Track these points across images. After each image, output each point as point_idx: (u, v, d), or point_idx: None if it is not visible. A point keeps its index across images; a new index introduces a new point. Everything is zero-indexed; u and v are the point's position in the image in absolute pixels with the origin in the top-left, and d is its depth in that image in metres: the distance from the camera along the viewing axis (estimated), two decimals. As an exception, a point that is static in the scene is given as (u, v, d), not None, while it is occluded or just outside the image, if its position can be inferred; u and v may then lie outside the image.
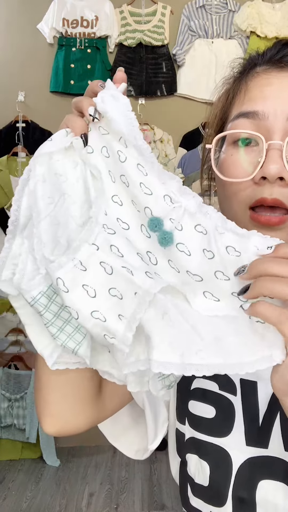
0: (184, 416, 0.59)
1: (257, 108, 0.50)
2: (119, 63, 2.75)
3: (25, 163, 2.68)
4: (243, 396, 0.55)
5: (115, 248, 0.44)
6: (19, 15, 2.75)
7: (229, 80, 0.59)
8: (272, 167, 0.47)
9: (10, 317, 2.62)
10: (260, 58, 0.56)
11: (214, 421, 0.56)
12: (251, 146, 0.51)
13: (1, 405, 2.58)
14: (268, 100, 0.50)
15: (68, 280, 0.43)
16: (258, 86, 0.52)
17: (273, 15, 2.74)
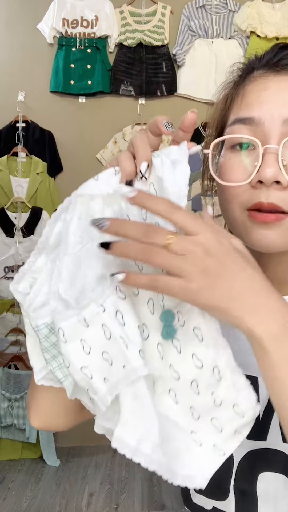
0: None
1: (253, 114, 0.51)
2: (119, 63, 2.75)
3: (25, 163, 2.68)
4: None
5: (120, 314, 0.45)
6: (19, 15, 2.75)
7: (229, 84, 0.59)
8: (268, 171, 0.48)
9: (10, 317, 2.62)
10: (258, 62, 0.56)
11: None
12: (249, 151, 0.51)
13: (1, 405, 2.58)
14: (264, 105, 0.51)
15: (68, 332, 0.45)
16: (255, 90, 0.53)
17: (273, 15, 2.74)
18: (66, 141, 2.78)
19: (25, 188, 2.67)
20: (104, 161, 2.78)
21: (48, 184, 2.71)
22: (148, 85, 2.74)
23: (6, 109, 2.71)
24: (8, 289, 2.81)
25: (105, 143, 2.78)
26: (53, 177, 2.75)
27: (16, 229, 2.62)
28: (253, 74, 0.55)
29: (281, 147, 0.48)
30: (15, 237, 2.63)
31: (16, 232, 2.62)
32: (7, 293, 2.63)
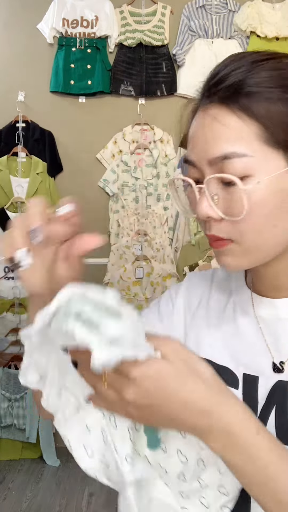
0: None
1: (190, 158, 0.55)
2: (119, 63, 2.75)
3: (25, 163, 2.68)
4: (244, 390, 0.58)
5: (113, 419, 0.50)
6: (19, 15, 2.75)
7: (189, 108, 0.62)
8: (199, 210, 0.53)
9: (10, 317, 2.62)
10: (201, 92, 0.57)
11: None
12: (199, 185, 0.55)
13: (1, 405, 2.58)
14: (195, 147, 0.54)
15: (73, 440, 0.52)
16: (193, 131, 0.56)
17: (273, 15, 2.74)
18: (66, 141, 2.78)
19: (25, 188, 2.67)
20: (104, 161, 2.78)
21: (48, 184, 2.71)
22: (148, 85, 2.74)
23: (6, 109, 2.71)
24: (8, 289, 2.83)
25: (105, 143, 2.78)
26: (53, 177, 2.75)
27: (16, 229, 2.62)
28: (200, 105, 0.57)
29: (205, 183, 0.52)
30: (15, 237, 2.63)
31: (16, 232, 2.62)
32: (7, 293, 2.63)
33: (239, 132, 0.51)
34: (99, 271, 2.77)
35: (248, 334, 0.61)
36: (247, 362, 0.60)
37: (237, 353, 0.61)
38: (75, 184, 2.80)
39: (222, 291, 0.68)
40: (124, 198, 2.74)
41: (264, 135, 0.51)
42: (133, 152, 2.74)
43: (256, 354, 0.60)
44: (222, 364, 0.61)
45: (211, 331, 0.65)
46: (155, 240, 2.69)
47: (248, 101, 0.51)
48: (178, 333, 0.69)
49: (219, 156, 0.51)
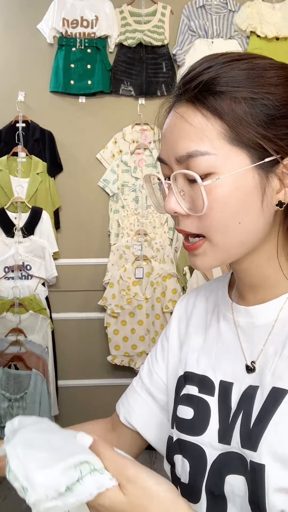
0: (174, 421, 0.64)
1: (161, 156, 0.58)
2: (119, 63, 2.75)
3: (25, 163, 2.68)
4: (220, 396, 0.60)
5: None
6: (19, 15, 2.74)
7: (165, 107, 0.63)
8: (167, 205, 0.55)
9: (10, 317, 2.62)
10: (173, 94, 0.59)
11: (192, 421, 0.61)
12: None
13: (1, 405, 2.58)
14: (164, 146, 0.57)
15: None
16: (164, 128, 0.59)
17: (273, 15, 2.74)
18: (66, 141, 2.78)
19: (25, 188, 2.67)
20: (104, 161, 2.78)
21: (48, 184, 2.71)
22: (148, 85, 2.74)
23: (6, 109, 2.71)
24: (8, 289, 2.82)
25: (105, 143, 2.78)
26: (53, 177, 2.75)
27: (16, 229, 2.62)
28: (172, 103, 0.59)
29: (172, 179, 0.55)
30: (15, 237, 2.63)
31: (16, 232, 2.62)
32: (7, 293, 2.63)
33: (203, 131, 0.52)
34: (99, 271, 2.77)
35: (227, 340, 0.64)
36: (224, 369, 0.62)
37: (217, 360, 0.64)
38: (75, 184, 2.80)
39: (209, 303, 0.71)
40: (124, 198, 2.73)
41: (228, 134, 0.52)
42: (133, 152, 2.74)
43: (233, 360, 0.62)
44: (203, 374, 0.63)
45: (196, 342, 0.68)
46: (155, 240, 2.69)
47: (215, 100, 0.52)
48: (175, 362, 0.71)
49: (184, 154, 0.53)
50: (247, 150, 0.52)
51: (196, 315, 0.71)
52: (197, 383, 0.63)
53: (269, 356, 0.58)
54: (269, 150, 0.52)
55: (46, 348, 2.65)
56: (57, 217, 2.77)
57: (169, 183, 0.56)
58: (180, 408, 0.63)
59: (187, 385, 0.64)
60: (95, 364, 2.82)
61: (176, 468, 0.61)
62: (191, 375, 0.64)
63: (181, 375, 0.66)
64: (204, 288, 0.75)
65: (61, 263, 2.76)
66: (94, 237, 2.82)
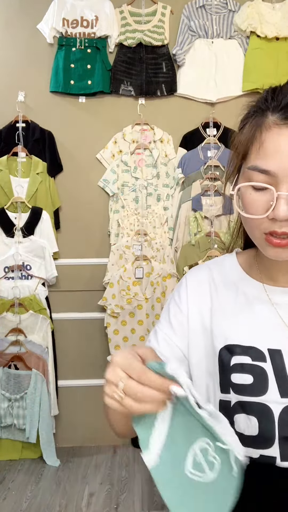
0: (229, 387, 0.75)
1: (269, 167, 0.64)
2: (119, 63, 2.75)
3: (25, 163, 2.68)
4: (272, 361, 0.72)
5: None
6: (19, 15, 2.75)
7: (248, 119, 0.70)
8: (281, 212, 0.63)
9: (10, 317, 2.62)
10: (272, 104, 0.67)
11: (253, 385, 0.72)
12: (264, 191, 0.66)
13: (1, 405, 2.58)
14: (277, 160, 0.64)
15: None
16: (270, 142, 0.65)
17: (273, 15, 2.74)
18: (66, 141, 2.78)
19: (25, 188, 2.67)
20: (104, 161, 2.78)
21: (48, 184, 2.71)
22: (148, 85, 2.74)
23: (6, 109, 2.71)
24: (8, 289, 2.83)
25: (105, 143, 2.78)
26: (53, 177, 2.75)
27: (16, 229, 2.62)
28: (268, 117, 0.66)
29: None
30: (15, 237, 2.63)
31: (16, 232, 2.62)
32: (7, 293, 2.63)
33: None
34: (99, 271, 2.77)
35: (267, 317, 0.75)
36: (269, 339, 0.74)
37: (258, 333, 0.75)
38: (75, 184, 2.80)
39: (228, 285, 0.80)
40: (124, 198, 2.73)
41: None
42: (133, 152, 2.74)
43: (275, 332, 0.73)
44: (249, 345, 0.74)
45: (232, 320, 0.77)
46: (155, 240, 2.69)
47: None
48: (198, 337, 0.79)
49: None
50: None
51: (218, 292, 0.80)
52: (248, 354, 0.74)
53: None
54: None
55: (46, 348, 2.65)
56: (57, 217, 2.77)
57: (281, 194, 0.64)
58: (235, 376, 0.74)
59: (235, 356, 0.75)
60: (95, 364, 2.82)
61: (237, 425, 0.72)
62: (238, 347, 0.75)
63: (222, 347, 0.76)
64: (216, 267, 0.84)
65: (61, 263, 2.76)
66: (94, 237, 2.82)
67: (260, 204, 0.66)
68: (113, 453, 2.73)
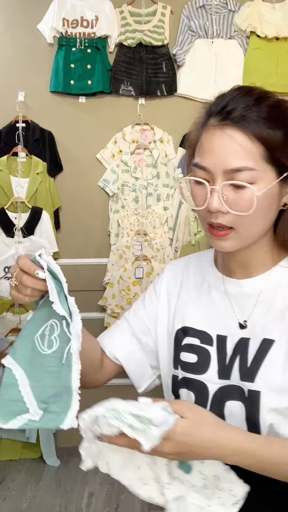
0: (178, 364, 0.85)
1: (204, 164, 0.72)
2: (119, 63, 2.75)
3: (25, 163, 2.68)
4: (218, 346, 0.82)
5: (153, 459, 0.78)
6: (19, 15, 2.74)
7: (199, 119, 0.78)
8: (212, 204, 0.71)
9: (10, 317, 2.62)
10: (213, 108, 0.74)
11: (196, 364, 0.82)
12: (203, 184, 0.73)
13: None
14: (211, 159, 0.71)
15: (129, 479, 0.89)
16: (207, 143, 0.73)
17: (273, 15, 2.74)
18: (66, 141, 2.78)
19: (25, 188, 2.67)
20: (104, 161, 2.78)
21: (48, 184, 2.71)
22: (148, 85, 2.74)
23: (6, 109, 2.71)
24: (8, 289, 2.83)
25: (105, 143, 2.78)
26: (53, 177, 2.75)
27: (16, 229, 2.62)
28: (210, 121, 0.74)
29: (220, 187, 0.71)
30: (15, 237, 2.63)
31: (16, 232, 2.62)
32: (7, 293, 2.62)
33: (249, 151, 0.70)
34: (99, 271, 2.77)
35: (219, 305, 0.84)
36: (219, 326, 0.83)
37: (212, 319, 0.84)
38: (75, 184, 2.80)
39: (197, 275, 0.90)
40: (124, 198, 2.73)
41: (265, 154, 0.70)
42: (133, 152, 2.74)
43: (226, 320, 0.82)
44: (201, 329, 0.84)
45: (192, 305, 0.87)
46: (155, 240, 2.69)
47: (257, 127, 0.70)
48: (164, 316, 0.91)
49: (234, 168, 0.70)
50: (276, 166, 0.72)
51: (188, 281, 0.90)
52: (197, 336, 0.84)
53: (257, 316, 0.79)
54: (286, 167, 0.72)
55: (46, 348, 2.65)
56: (57, 217, 2.77)
57: (213, 187, 0.71)
58: (184, 354, 0.84)
59: (187, 337, 0.85)
60: (95, 364, 2.81)
61: (181, 399, 0.83)
62: (191, 330, 0.85)
63: (179, 328, 0.87)
64: (193, 259, 0.94)
65: (61, 263, 2.75)
66: (94, 237, 2.82)
67: (201, 197, 0.74)
68: (113, 453, 2.73)
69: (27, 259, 0.71)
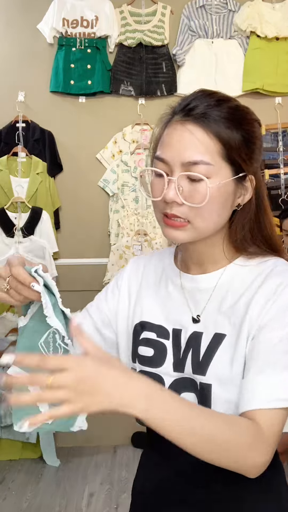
0: (136, 357, 0.87)
1: (164, 156, 0.75)
2: (119, 63, 2.75)
3: (25, 163, 2.68)
4: (173, 340, 0.84)
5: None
6: (19, 15, 2.75)
7: (163, 118, 0.81)
8: (168, 194, 0.73)
9: (10, 317, 2.62)
10: (178, 107, 0.77)
11: (153, 358, 0.84)
12: (161, 176, 0.75)
13: (1, 405, 2.58)
14: (170, 151, 0.74)
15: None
16: (168, 137, 0.76)
17: (273, 15, 2.74)
18: (66, 141, 2.78)
19: (25, 188, 2.67)
20: (104, 161, 2.78)
21: (48, 184, 2.71)
22: (148, 85, 2.74)
23: (6, 109, 2.71)
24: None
25: (105, 143, 2.78)
26: (53, 177, 2.75)
27: (16, 229, 2.62)
28: (173, 118, 0.77)
29: (176, 179, 0.73)
30: (15, 237, 2.63)
31: (16, 232, 2.62)
32: (7, 293, 2.62)
33: (207, 147, 0.73)
34: (99, 271, 2.77)
35: (176, 299, 0.86)
36: (175, 320, 0.85)
37: (168, 313, 0.86)
38: (75, 184, 2.80)
39: (157, 270, 0.93)
40: (124, 198, 2.74)
41: (222, 152, 0.74)
42: (133, 152, 2.74)
43: (181, 314, 0.84)
44: (158, 323, 0.86)
45: (150, 300, 0.89)
46: (155, 240, 2.69)
47: (217, 126, 0.73)
48: (124, 310, 0.92)
49: (191, 161, 0.72)
50: (232, 165, 0.75)
51: (148, 276, 0.93)
52: (154, 330, 0.86)
53: (210, 311, 0.81)
54: (244, 168, 0.76)
55: (46, 348, 2.65)
56: (57, 217, 2.77)
57: (171, 178, 0.74)
58: (141, 348, 0.86)
59: (145, 331, 0.87)
60: (95, 364, 2.81)
61: None
62: (148, 324, 0.87)
63: (137, 323, 0.88)
64: (155, 255, 0.96)
65: (61, 263, 2.76)
66: (94, 237, 2.82)
67: (158, 188, 0.76)
68: (113, 453, 2.74)
69: (21, 269, 0.71)
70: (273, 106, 2.76)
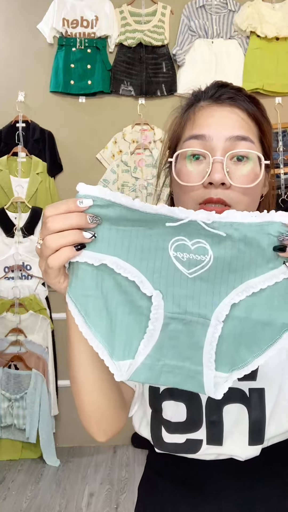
0: None
1: (204, 132, 0.68)
2: (119, 63, 2.75)
3: (25, 163, 2.68)
4: None
5: None
6: (19, 15, 2.75)
7: (178, 109, 0.76)
8: (217, 175, 0.65)
9: (10, 317, 2.62)
10: (203, 95, 0.74)
11: None
12: (200, 160, 0.68)
13: (1, 405, 2.58)
14: (212, 126, 0.68)
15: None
16: (204, 116, 0.70)
17: (273, 15, 2.74)
18: (66, 141, 2.78)
19: (25, 188, 2.67)
20: (104, 161, 2.78)
21: (48, 184, 2.71)
22: (148, 85, 2.74)
23: (6, 109, 2.71)
24: (8, 289, 2.82)
25: (105, 143, 2.78)
26: (53, 177, 2.75)
27: (16, 229, 2.62)
28: (200, 104, 0.73)
29: (225, 158, 0.66)
30: (15, 237, 2.63)
31: (16, 232, 2.62)
32: (7, 293, 2.63)
33: (249, 125, 0.70)
34: (99, 271, 2.76)
35: None
36: None
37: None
38: (75, 184, 2.75)
39: None
40: (124, 198, 2.74)
41: (258, 134, 0.71)
42: (133, 152, 2.74)
43: None
44: None
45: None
46: (155, 240, 2.69)
47: (251, 106, 0.71)
48: None
49: (239, 135, 0.67)
50: (263, 150, 0.72)
51: None
52: None
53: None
54: (268, 155, 0.72)
55: (46, 348, 2.65)
56: (57, 217, 2.77)
57: (215, 158, 0.66)
58: None
59: None
60: (95, 364, 2.81)
61: (165, 413, 0.75)
62: None
63: None
64: None
65: (61, 263, 2.76)
66: (94, 237, 2.82)
67: (196, 173, 0.68)
68: (113, 453, 2.73)
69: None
70: (273, 106, 2.76)
